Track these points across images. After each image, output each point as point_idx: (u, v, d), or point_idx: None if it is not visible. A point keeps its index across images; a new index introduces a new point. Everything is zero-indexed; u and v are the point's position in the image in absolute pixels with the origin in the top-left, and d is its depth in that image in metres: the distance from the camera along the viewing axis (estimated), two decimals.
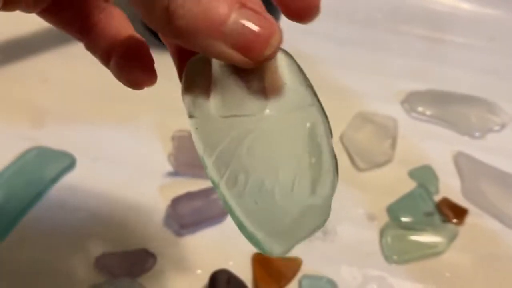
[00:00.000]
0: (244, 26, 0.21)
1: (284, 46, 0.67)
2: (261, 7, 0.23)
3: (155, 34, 0.70)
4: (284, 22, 0.75)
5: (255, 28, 0.22)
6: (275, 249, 0.23)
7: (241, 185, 0.23)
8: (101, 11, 0.31)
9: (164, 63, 0.64)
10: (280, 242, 0.23)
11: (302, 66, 0.24)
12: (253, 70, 0.23)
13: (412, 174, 0.56)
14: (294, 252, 0.49)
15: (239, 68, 0.23)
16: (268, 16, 0.23)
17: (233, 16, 0.21)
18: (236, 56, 0.22)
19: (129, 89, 0.47)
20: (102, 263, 0.46)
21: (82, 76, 0.61)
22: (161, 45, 0.69)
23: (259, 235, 0.23)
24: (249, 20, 0.22)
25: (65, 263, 0.47)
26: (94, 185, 0.52)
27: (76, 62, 0.63)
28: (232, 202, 0.23)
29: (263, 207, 0.23)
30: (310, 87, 0.24)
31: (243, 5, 0.22)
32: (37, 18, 0.69)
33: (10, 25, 0.66)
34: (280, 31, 0.23)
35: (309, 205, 0.23)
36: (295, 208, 0.23)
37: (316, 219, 0.23)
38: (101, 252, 0.47)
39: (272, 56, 0.22)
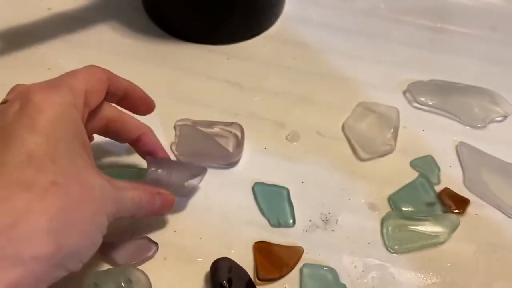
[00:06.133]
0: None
1: (287, 36, 0.68)
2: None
3: (159, 24, 0.70)
4: (288, 12, 0.75)
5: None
6: None
7: None
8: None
9: (167, 53, 0.65)
10: None
11: (306, 56, 0.25)
12: None
13: (414, 164, 0.56)
14: (296, 241, 0.49)
15: None
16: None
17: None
18: None
19: (133, 77, 0.48)
20: (105, 252, 0.46)
21: (86, 65, 0.61)
22: (165, 34, 0.70)
23: None
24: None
25: None
26: None
27: (80, 51, 0.64)
28: None
29: None
30: None
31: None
32: (42, 6, 0.69)
33: (15, 13, 0.66)
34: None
35: None
36: None
37: None
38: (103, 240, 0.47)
39: None
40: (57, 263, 0.32)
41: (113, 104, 0.46)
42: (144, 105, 0.47)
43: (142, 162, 0.52)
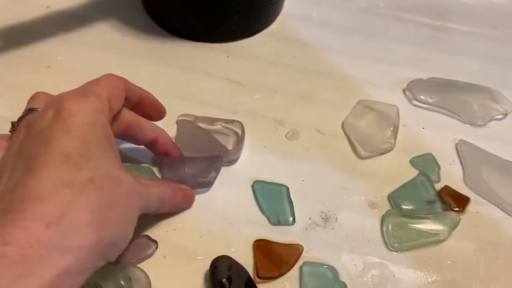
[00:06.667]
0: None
1: (287, 34, 0.68)
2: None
3: (158, 23, 0.70)
4: (288, 10, 0.75)
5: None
6: None
7: None
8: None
9: (168, 51, 0.65)
10: None
11: (305, 54, 0.25)
12: None
13: (414, 162, 0.56)
14: (296, 239, 0.49)
15: None
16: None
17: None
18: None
19: (133, 76, 0.48)
20: None
21: (85, 63, 0.61)
22: (164, 33, 0.70)
23: None
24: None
25: None
26: None
27: (79, 49, 0.64)
28: None
29: None
30: None
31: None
32: (41, 4, 0.69)
33: (14, 11, 0.66)
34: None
35: None
36: None
37: None
38: None
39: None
40: (99, 252, 0.36)
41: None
42: (155, 111, 0.50)
43: (143, 161, 0.52)
